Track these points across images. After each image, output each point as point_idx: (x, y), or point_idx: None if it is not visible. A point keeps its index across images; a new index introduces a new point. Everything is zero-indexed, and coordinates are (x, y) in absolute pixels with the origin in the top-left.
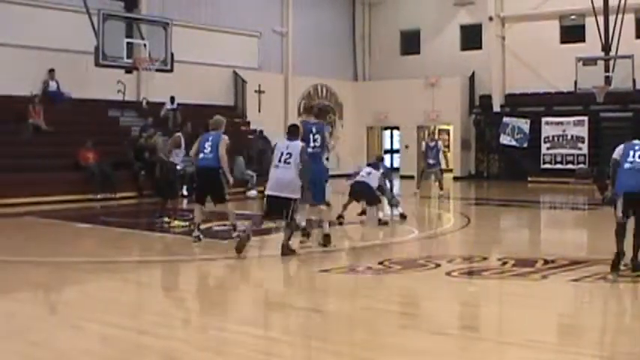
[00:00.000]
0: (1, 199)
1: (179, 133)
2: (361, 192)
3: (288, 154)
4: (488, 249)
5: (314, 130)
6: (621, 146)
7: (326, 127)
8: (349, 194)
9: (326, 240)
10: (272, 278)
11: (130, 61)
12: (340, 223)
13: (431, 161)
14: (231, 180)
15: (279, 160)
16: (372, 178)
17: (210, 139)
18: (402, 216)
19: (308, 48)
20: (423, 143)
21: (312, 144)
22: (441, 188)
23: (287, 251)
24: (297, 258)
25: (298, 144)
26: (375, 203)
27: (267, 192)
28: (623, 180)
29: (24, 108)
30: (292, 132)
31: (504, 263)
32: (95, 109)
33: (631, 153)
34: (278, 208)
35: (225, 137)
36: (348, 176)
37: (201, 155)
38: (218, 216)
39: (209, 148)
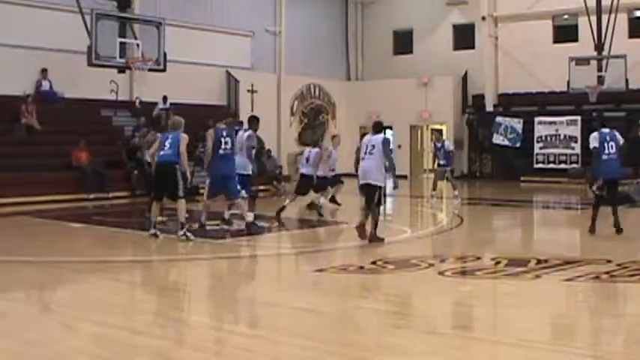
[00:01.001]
0: None
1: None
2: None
3: (372, 146)
4: (481, 249)
5: (224, 134)
6: (595, 134)
7: (250, 136)
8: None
9: (250, 227)
10: (266, 278)
11: (122, 60)
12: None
13: (441, 162)
14: (189, 177)
15: (365, 153)
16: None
17: (170, 137)
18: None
19: (301, 48)
20: (432, 144)
21: (223, 146)
22: (454, 188)
23: (375, 239)
24: (294, 257)
25: (380, 137)
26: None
27: (360, 182)
28: (602, 168)
29: (17, 108)
30: (376, 127)
31: (497, 263)
32: (88, 109)
33: (605, 145)
34: (367, 195)
35: (185, 135)
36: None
37: (161, 152)
38: (212, 216)
39: (168, 145)
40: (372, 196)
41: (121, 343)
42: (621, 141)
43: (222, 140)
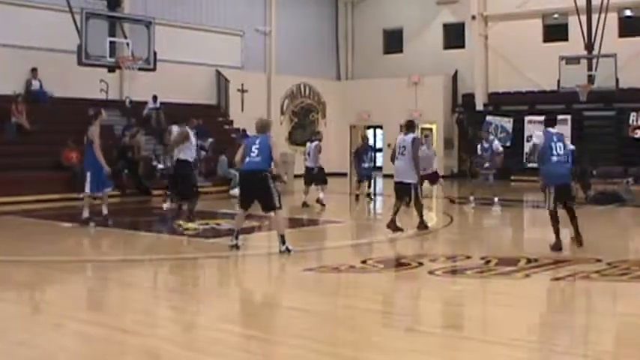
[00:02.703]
0: None
1: (187, 127)
2: None
3: (403, 147)
4: (471, 248)
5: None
6: (540, 133)
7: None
8: None
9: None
10: (256, 277)
11: (112, 60)
12: None
13: (487, 164)
14: (284, 182)
15: (398, 153)
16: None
17: (257, 141)
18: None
19: (291, 47)
20: (479, 146)
21: None
22: (495, 195)
23: (422, 227)
24: (284, 257)
25: (410, 137)
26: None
27: (395, 180)
28: (552, 171)
29: (7, 107)
30: (407, 127)
31: (487, 262)
32: (78, 108)
33: (554, 146)
34: (401, 193)
35: (274, 140)
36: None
37: (247, 159)
38: (202, 215)
39: (256, 152)
40: (406, 193)
41: (110, 342)
42: (570, 146)
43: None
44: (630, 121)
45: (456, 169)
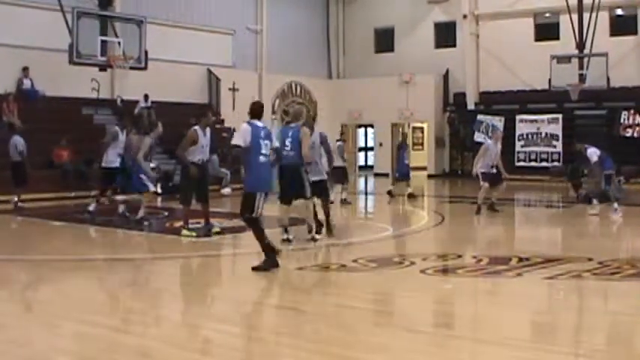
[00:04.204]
0: None
1: (196, 127)
2: None
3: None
4: (462, 247)
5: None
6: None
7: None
8: None
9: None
10: (248, 276)
11: (104, 59)
12: None
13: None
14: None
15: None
16: None
17: (290, 133)
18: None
19: (282, 46)
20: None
21: None
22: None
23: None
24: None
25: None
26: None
27: None
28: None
29: None
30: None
31: (479, 261)
32: (69, 107)
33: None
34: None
35: (306, 130)
36: None
37: (283, 152)
38: (194, 214)
39: (290, 146)
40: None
41: (103, 341)
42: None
43: None
44: (621, 120)
45: (447, 168)
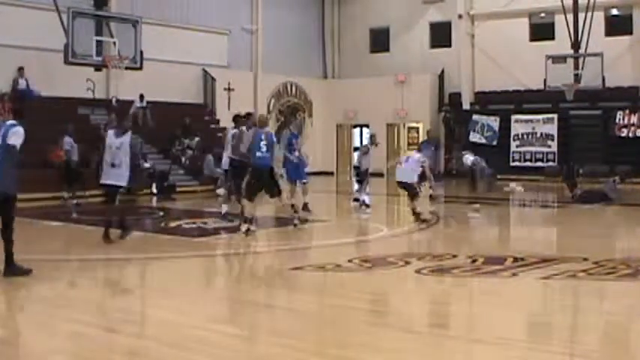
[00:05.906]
0: None
1: (242, 128)
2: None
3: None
4: (457, 247)
5: None
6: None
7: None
8: None
9: None
10: (243, 276)
11: (99, 59)
12: None
13: None
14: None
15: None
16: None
17: (262, 136)
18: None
19: (277, 46)
20: None
21: None
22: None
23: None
24: (271, 255)
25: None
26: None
27: None
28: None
29: None
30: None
31: (474, 261)
32: (65, 107)
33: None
34: None
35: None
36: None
37: (258, 153)
38: (189, 214)
39: (265, 148)
40: None
41: (97, 341)
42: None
43: None
44: (616, 120)
45: (442, 168)
